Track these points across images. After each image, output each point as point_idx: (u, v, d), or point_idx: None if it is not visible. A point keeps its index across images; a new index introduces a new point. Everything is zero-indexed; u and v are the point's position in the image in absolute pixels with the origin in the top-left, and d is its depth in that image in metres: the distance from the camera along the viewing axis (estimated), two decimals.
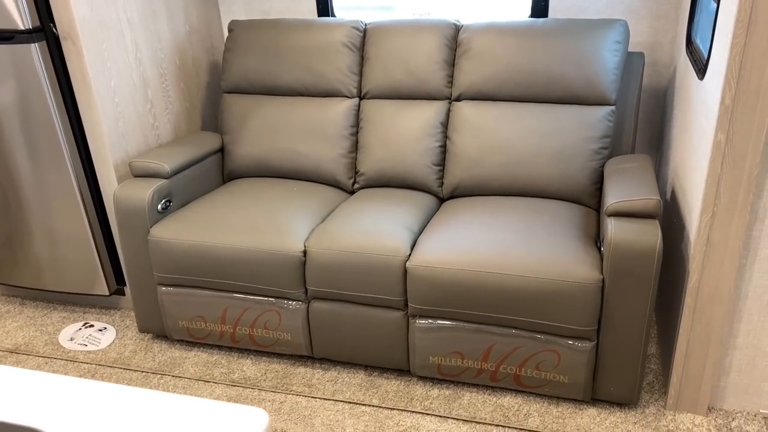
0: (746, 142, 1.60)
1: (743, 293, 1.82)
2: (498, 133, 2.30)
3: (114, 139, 2.32)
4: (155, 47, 2.52)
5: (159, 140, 2.58)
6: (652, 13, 2.49)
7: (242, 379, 2.21)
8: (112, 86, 2.29)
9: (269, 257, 2.07)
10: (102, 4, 2.22)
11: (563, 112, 2.26)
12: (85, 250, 2.45)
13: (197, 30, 2.78)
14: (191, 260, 2.15)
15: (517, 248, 1.92)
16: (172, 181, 2.30)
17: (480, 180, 2.32)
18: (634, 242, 1.76)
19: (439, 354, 2.04)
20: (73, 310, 2.67)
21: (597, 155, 2.23)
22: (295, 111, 2.51)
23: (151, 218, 2.21)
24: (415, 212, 2.22)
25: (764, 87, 1.54)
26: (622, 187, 1.93)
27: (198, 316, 2.26)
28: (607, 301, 1.84)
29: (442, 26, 2.42)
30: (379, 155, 2.42)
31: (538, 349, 1.94)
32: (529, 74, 2.28)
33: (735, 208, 1.68)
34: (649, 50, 2.55)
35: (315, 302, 2.12)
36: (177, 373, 2.26)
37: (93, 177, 2.38)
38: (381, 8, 2.85)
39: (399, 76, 2.43)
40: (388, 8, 2.87)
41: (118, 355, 2.36)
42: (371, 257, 1.99)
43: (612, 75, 2.23)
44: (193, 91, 2.78)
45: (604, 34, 2.24)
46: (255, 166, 2.56)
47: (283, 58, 2.53)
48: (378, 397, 2.10)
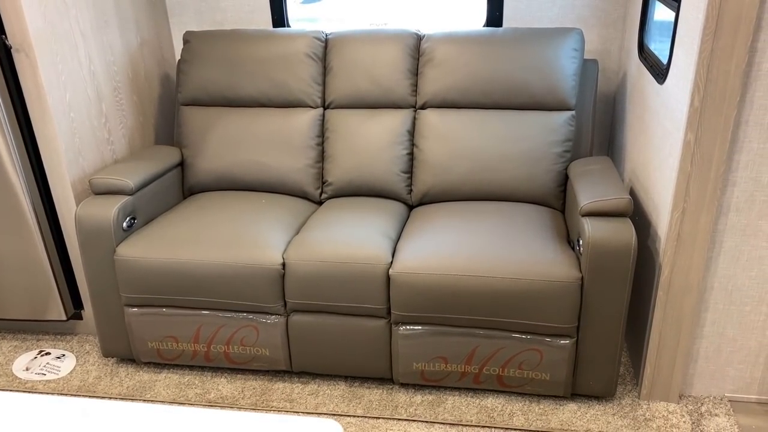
0: (713, 141, 1.70)
1: (709, 284, 1.93)
2: (464, 139, 2.35)
3: (70, 156, 2.22)
4: (108, 59, 2.42)
5: (114, 156, 2.48)
6: (601, 23, 2.61)
7: (219, 399, 2.14)
8: (67, 100, 2.19)
9: (247, 271, 2.02)
10: (55, 14, 2.12)
11: (526, 118, 2.33)
12: (39, 274, 2.32)
13: (149, 42, 2.69)
14: (162, 278, 2.07)
15: (497, 251, 1.96)
16: (135, 197, 2.21)
17: (448, 186, 2.36)
18: (611, 240, 1.84)
19: (422, 360, 2.05)
20: (25, 338, 2.51)
21: (560, 158, 2.31)
22: (258, 122, 2.47)
23: (117, 237, 2.12)
24: (389, 220, 2.23)
25: (729, 89, 1.64)
26: (592, 188, 2.01)
27: (169, 336, 2.17)
28: (586, 299, 1.91)
29: (404, 36, 2.45)
30: (347, 165, 2.41)
31: (520, 348, 1.98)
32: (492, 82, 2.34)
33: (704, 204, 1.78)
34: (598, 57, 2.66)
35: (294, 315, 2.09)
36: (148, 397, 2.17)
37: (48, 196, 2.26)
38: (333, 19, 2.86)
39: (364, 86, 2.44)
40: (340, 20, 2.88)
41: (81, 383, 2.24)
42: (353, 266, 1.98)
43: (571, 81, 2.32)
44: (146, 105, 2.69)
45: (562, 42, 2.33)
46: (218, 179, 2.50)
47: (244, 69, 2.49)
48: (362, 407, 2.08)
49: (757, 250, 1.86)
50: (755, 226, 1.83)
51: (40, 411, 0.97)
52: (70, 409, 0.96)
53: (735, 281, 1.91)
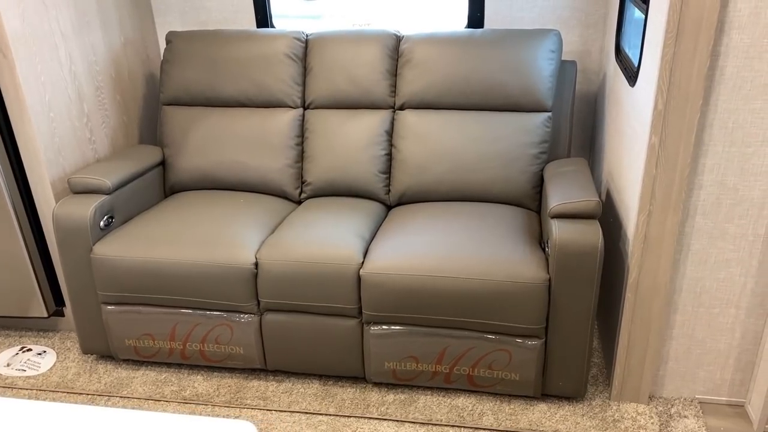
0: (678, 144, 1.71)
1: (678, 286, 1.94)
2: (441, 140, 2.36)
3: (50, 156, 2.24)
4: (90, 59, 2.45)
5: (96, 155, 2.50)
6: (582, 23, 2.61)
7: (194, 396, 2.17)
8: (46, 100, 2.22)
9: (220, 271, 2.04)
10: (34, 15, 2.15)
11: (503, 119, 2.34)
12: (20, 271, 2.35)
13: (132, 41, 2.72)
14: (138, 277, 2.10)
15: (466, 252, 1.97)
16: (113, 196, 2.24)
17: (426, 186, 2.37)
18: (578, 242, 1.85)
19: (394, 359, 2.07)
20: (8, 335, 2.55)
21: (536, 160, 2.32)
22: (239, 122, 2.49)
23: (94, 236, 2.14)
24: (365, 220, 2.24)
25: (692, 93, 1.65)
26: (563, 189, 2.02)
27: (146, 334, 2.20)
28: (553, 300, 1.92)
29: (384, 37, 2.46)
30: (326, 165, 2.43)
31: (490, 349, 2.00)
32: (470, 83, 2.35)
33: (669, 206, 1.79)
34: (579, 58, 2.67)
35: (268, 314, 2.11)
36: (125, 393, 2.19)
37: (28, 195, 2.29)
38: (313, 17, 2.86)
39: (343, 86, 2.45)
40: (317, 17, 2.88)
41: (60, 379, 2.27)
42: (324, 266, 2.00)
43: (548, 83, 2.33)
44: (129, 104, 2.71)
45: (540, 43, 2.34)
46: (198, 178, 2.52)
47: (225, 69, 2.51)
48: (334, 405, 2.10)
49: (724, 253, 1.87)
50: (722, 229, 1.84)
51: None
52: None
53: (703, 284, 1.92)
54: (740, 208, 1.80)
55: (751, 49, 1.63)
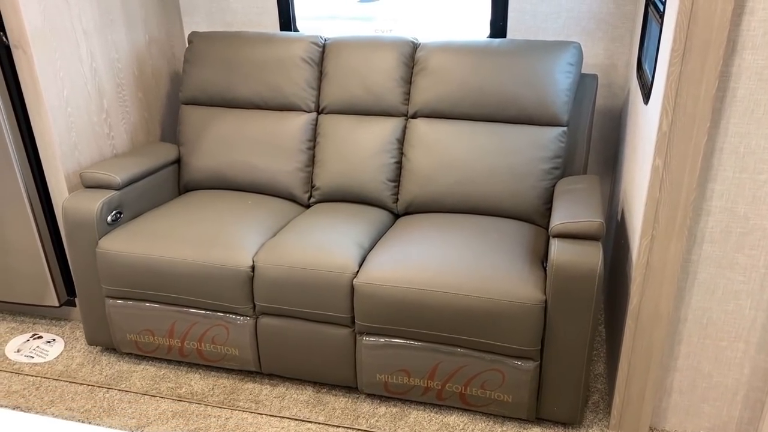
0: (683, 168, 1.63)
1: (683, 316, 1.85)
2: (452, 150, 2.32)
3: (65, 149, 2.30)
4: (112, 57, 2.50)
5: (115, 150, 2.56)
6: (608, 36, 2.53)
7: (189, 394, 2.19)
8: (64, 96, 2.27)
9: (217, 271, 2.05)
10: (55, 13, 2.21)
11: (516, 132, 2.28)
12: (34, 261, 2.42)
13: (157, 40, 2.77)
14: (139, 273, 2.13)
15: (462, 267, 1.93)
16: (123, 192, 2.28)
17: (434, 197, 2.33)
18: (576, 264, 1.78)
19: (385, 372, 2.03)
20: (23, 321, 2.62)
21: (548, 175, 2.25)
22: (252, 124, 2.51)
23: (100, 230, 2.18)
24: (368, 228, 2.22)
25: (699, 115, 1.57)
26: (568, 208, 1.95)
27: (146, 330, 2.23)
28: (549, 322, 1.86)
29: (400, 44, 2.43)
30: (335, 170, 2.42)
31: (483, 368, 1.94)
32: (483, 93, 2.30)
33: (673, 232, 1.70)
34: (604, 72, 2.58)
35: (263, 318, 2.11)
36: (123, 386, 2.23)
37: (44, 187, 2.35)
38: (366, 18, 2.84)
39: (356, 92, 2.44)
40: (369, 18, 2.85)
41: (64, 368, 2.33)
42: (319, 273, 1.98)
43: (564, 96, 2.26)
44: (152, 102, 2.76)
45: (558, 56, 2.27)
46: (211, 178, 2.54)
47: (242, 70, 2.53)
48: (324, 414, 2.09)
49: (733, 284, 1.77)
50: (731, 259, 1.74)
51: None
52: None
53: (710, 315, 1.82)
54: (751, 238, 1.70)
55: (765, 70, 1.54)
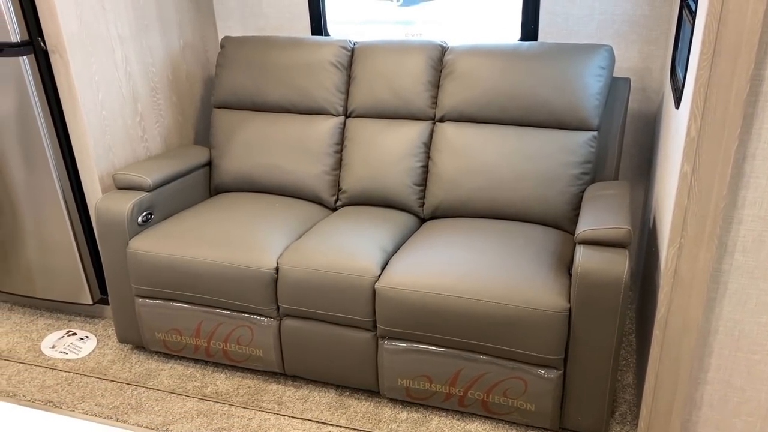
0: (712, 175, 1.57)
1: (713, 328, 1.79)
2: (479, 155, 2.29)
3: (100, 151, 2.36)
4: (147, 61, 2.56)
5: (148, 153, 2.61)
6: (642, 39, 2.47)
7: (214, 394, 2.21)
8: (99, 99, 2.33)
9: (242, 273, 2.08)
10: (92, 18, 2.27)
11: (544, 136, 2.25)
12: (70, 260, 2.49)
13: (192, 45, 2.82)
14: (167, 273, 2.17)
15: (485, 273, 1.90)
16: (154, 194, 2.33)
17: (460, 201, 2.32)
18: (601, 271, 1.74)
19: (407, 377, 2.02)
20: (59, 318, 2.70)
21: (577, 180, 2.21)
22: (281, 127, 2.53)
23: (131, 230, 2.23)
24: (392, 232, 2.22)
25: (729, 120, 1.52)
26: (596, 214, 1.91)
27: (174, 329, 2.27)
28: (574, 330, 1.82)
29: (429, 47, 2.42)
30: (362, 173, 2.42)
31: (505, 375, 1.92)
32: (512, 97, 2.28)
33: (702, 241, 1.65)
34: (638, 76, 2.53)
35: (287, 319, 2.12)
36: (151, 384, 2.27)
37: (79, 187, 2.42)
38: (406, 23, 2.82)
39: (384, 96, 2.44)
40: (410, 23, 2.83)
41: (96, 365, 2.39)
42: (341, 276, 1.99)
43: (595, 100, 2.21)
44: (186, 105, 2.81)
45: (589, 59, 2.23)
46: (240, 180, 2.58)
47: (272, 74, 2.55)
48: (346, 417, 2.09)
49: (766, 296, 1.70)
50: (764, 269, 1.68)
51: None
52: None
53: (742, 327, 1.76)
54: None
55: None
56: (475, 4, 2.72)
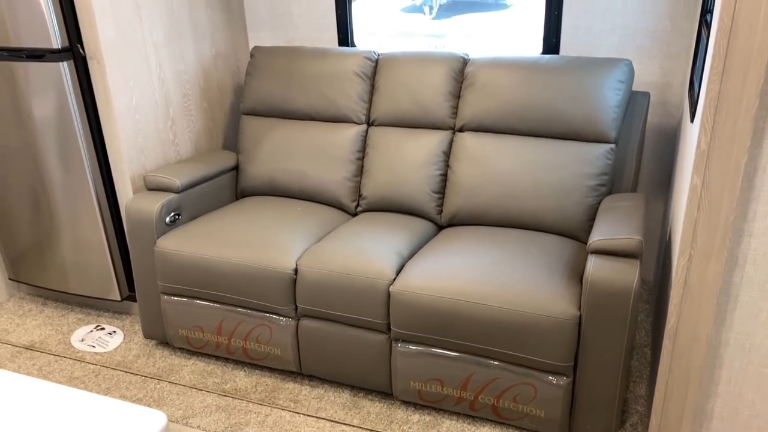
0: (722, 188, 1.60)
1: (724, 340, 1.80)
2: (497, 164, 2.34)
3: (132, 154, 2.46)
4: (179, 69, 2.66)
5: (179, 156, 2.71)
6: (663, 54, 2.49)
7: (233, 390, 2.28)
8: (133, 104, 2.44)
9: (262, 273, 2.15)
10: (128, 27, 2.38)
11: (562, 147, 2.28)
12: (101, 257, 2.59)
13: (223, 54, 2.92)
14: (191, 271, 2.25)
15: (498, 279, 1.94)
16: (182, 195, 2.42)
17: (477, 209, 2.36)
18: (611, 280, 1.77)
19: (419, 379, 2.07)
20: (89, 313, 2.81)
21: (594, 192, 2.24)
22: (306, 134, 2.61)
23: (159, 230, 2.33)
24: (410, 238, 2.27)
25: (739, 134, 1.54)
26: (609, 225, 1.94)
27: (196, 326, 2.35)
28: (583, 338, 1.85)
29: (450, 59, 2.48)
30: (382, 180, 2.48)
31: (515, 381, 1.95)
32: (531, 109, 2.32)
33: (712, 252, 1.67)
34: (659, 90, 2.55)
35: (304, 320, 2.19)
36: (173, 379, 2.35)
37: (111, 188, 2.53)
38: (437, 36, 2.89)
39: (406, 106, 2.50)
40: (441, 36, 2.90)
41: (122, 359, 2.48)
42: (357, 279, 2.04)
43: (613, 113, 2.24)
44: (216, 112, 2.91)
45: (607, 72, 2.26)
46: (265, 184, 2.66)
47: (298, 83, 2.64)
48: (359, 417, 2.14)
49: None
50: None
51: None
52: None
53: (753, 339, 1.77)
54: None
55: None
56: (504, 18, 2.77)
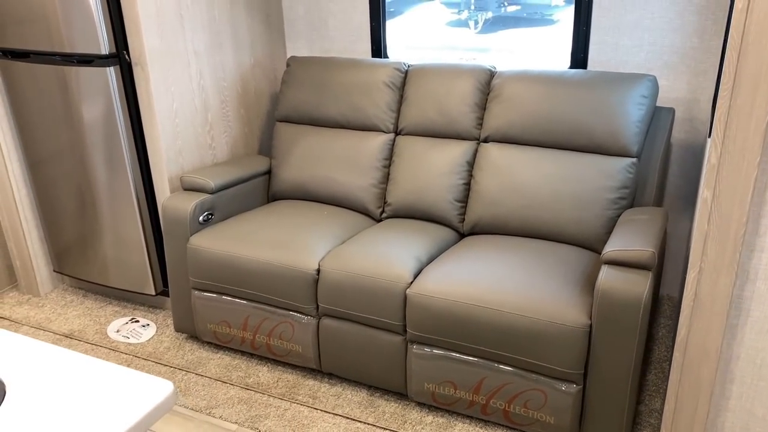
0: (731, 202, 1.62)
1: (735, 354, 1.80)
2: (519, 175, 2.39)
3: (171, 155, 2.60)
4: (219, 76, 2.80)
5: (215, 159, 2.84)
6: (691, 70, 2.51)
7: (256, 384, 2.38)
8: (173, 108, 2.58)
9: (286, 272, 2.24)
10: (171, 36, 2.52)
11: (584, 160, 2.32)
12: (138, 253, 2.73)
13: (262, 63, 3.05)
14: (220, 269, 2.36)
15: (512, 286, 1.99)
16: (216, 196, 2.54)
17: (498, 219, 2.41)
18: (622, 291, 1.80)
19: (433, 381, 2.12)
20: (125, 306, 2.95)
21: (614, 205, 2.26)
22: (335, 141, 2.70)
23: (192, 228, 2.45)
24: (430, 244, 2.33)
25: (749, 150, 1.56)
26: (624, 236, 1.97)
27: (224, 321, 2.46)
28: (593, 347, 1.88)
29: (478, 71, 2.55)
30: (407, 188, 2.56)
31: (525, 387, 1.99)
32: (554, 121, 2.36)
33: (722, 266, 1.68)
34: (686, 107, 2.56)
35: (325, 319, 2.27)
36: (200, 371, 2.46)
37: (150, 187, 2.67)
38: (482, 50, 2.95)
39: (433, 116, 2.57)
40: (485, 50, 2.94)
41: (153, 350, 2.60)
42: (376, 281, 2.12)
43: (635, 128, 2.27)
44: (252, 118, 3.04)
45: (631, 88, 2.29)
46: (295, 189, 2.76)
47: (331, 92, 2.74)
48: (374, 416, 2.20)
49: None
50: None
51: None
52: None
53: (764, 355, 1.77)
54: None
55: None
56: (549, 33, 2.82)
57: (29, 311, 2.92)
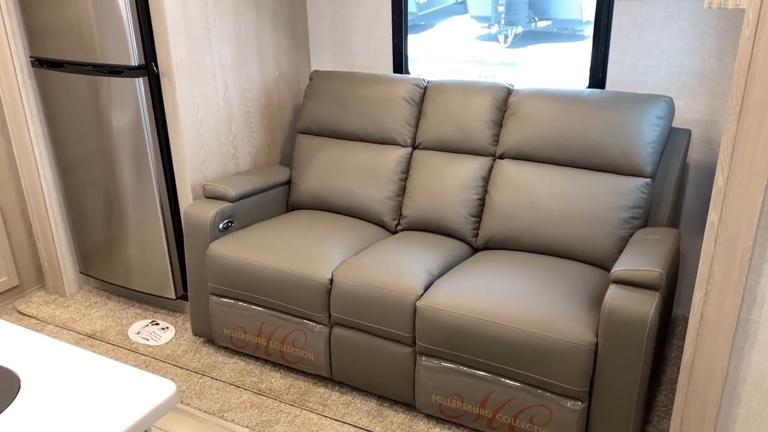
0: (738, 225, 1.63)
1: (742, 378, 1.80)
2: (533, 192, 2.41)
3: (194, 164, 2.68)
4: (243, 88, 2.88)
5: (238, 168, 2.92)
6: (709, 92, 2.51)
7: (268, 390, 2.43)
8: (198, 119, 2.66)
9: (301, 281, 2.30)
10: (198, 49, 2.61)
11: (597, 179, 2.34)
12: (160, 258, 2.82)
13: (286, 76, 3.13)
14: (238, 275, 2.43)
15: (520, 302, 2.02)
16: (236, 204, 2.61)
17: (511, 234, 2.44)
18: (628, 310, 1.81)
19: (441, 394, 2.15)
20: (147, 308, 3.03)
21: (626, 224, 2.28)
22: (354, 154, 2.76)
23: (212, 235, 2.52)
24: (442, 258, 2.37)
25: (756, 173, 1.57)
26: (633, 256, 1.98)
27: (239, 327, 2.52)
28: (599, 365, 1.89)
29: (495, 89, 2.59)
30: (422, 201, 2.60)
31: (531, 402, 2.00)
32: (569, 140, 2.39)
33: (728, 289, 1.69)
34: (703, 128, 2.56)
35: (337, 328, 2.31)
36: (215, 375, 2.52)
37: (174, 195, 2.75)
38: (510, 64, 2.98)
39: (450, 131, 2.61)
40: (513, 64, 2.98)
41: (171, 352, 2.67)
42: (387, 292, 2.16)
43: (650, 148, 2.29)
44: (275, 129, 3.12)
45: (647, 108, 2.31)
46: (314, 199, 2.82)
47: (351, 106, 2.80)
48: (382, 426, 2.23)
49: None
50: None
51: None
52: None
53: None
54: None
55: None
56: (579, 49, 2.84)
57: (55, 311, 3.02)
